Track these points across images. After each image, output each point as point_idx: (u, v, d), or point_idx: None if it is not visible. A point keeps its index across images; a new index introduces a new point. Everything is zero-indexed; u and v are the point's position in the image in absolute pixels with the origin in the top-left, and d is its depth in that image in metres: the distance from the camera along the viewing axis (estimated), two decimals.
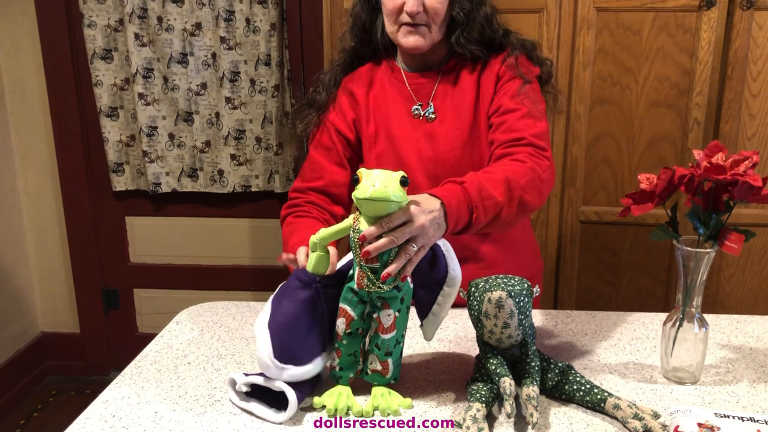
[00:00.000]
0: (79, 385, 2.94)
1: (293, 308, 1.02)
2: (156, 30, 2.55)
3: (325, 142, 1.40)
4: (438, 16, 1.29)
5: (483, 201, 1.09)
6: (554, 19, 1.96)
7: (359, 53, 1.44)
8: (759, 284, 2.12)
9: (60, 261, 2.89)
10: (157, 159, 2.68)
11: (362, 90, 1.41)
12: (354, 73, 1.44)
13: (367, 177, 0.96)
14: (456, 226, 1.06)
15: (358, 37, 1.42)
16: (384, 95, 1.40)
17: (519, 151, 1.23)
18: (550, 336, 1.27)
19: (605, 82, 2.00)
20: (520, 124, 1.27)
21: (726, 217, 1.02)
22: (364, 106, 1.40)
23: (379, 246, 0.96)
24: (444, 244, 1.07)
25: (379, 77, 1.42)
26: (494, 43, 1.36)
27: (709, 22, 1.92)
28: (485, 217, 1.10)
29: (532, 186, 1.17)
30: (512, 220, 1.16)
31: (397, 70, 1.41)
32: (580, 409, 1.02)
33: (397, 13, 1.29)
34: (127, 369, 1.17)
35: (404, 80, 1.39)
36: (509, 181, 1.14)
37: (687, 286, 1.06)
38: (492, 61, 1.36)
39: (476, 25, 1.32)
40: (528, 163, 1.20)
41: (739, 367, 1.15)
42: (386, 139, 1.38)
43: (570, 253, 2.14)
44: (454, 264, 1.06)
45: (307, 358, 1.02)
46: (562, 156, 2.06)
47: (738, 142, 2.02)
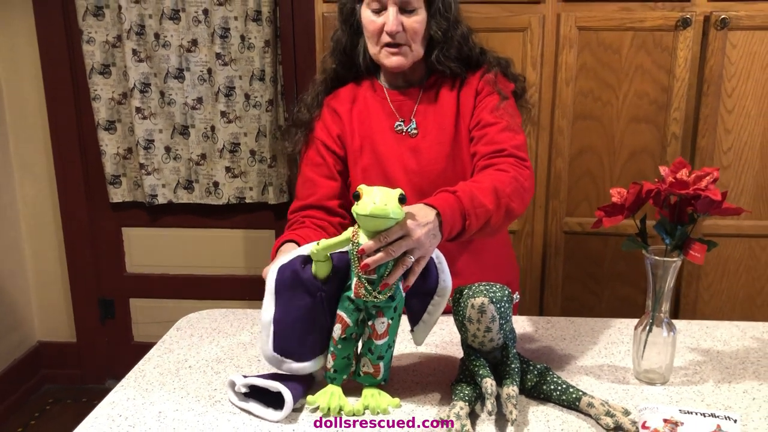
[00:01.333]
0: (75, 394, 2.98)
1: (298, 313, 1.10)
2: (153, 46, 2.62)
3: (314, 158, 1.47)
4: (417, 35, 1.36)
5: (475, 209, 1.17)
6: (538, 38, 2.04)
7: (340, 75, 1.51)
8: (735, 293, 2.20)
9: (57, 271, 2.95)
10: (153, 171, 2.75)
11: (345, 107, 1.48)
12: (335, 93, 1.51)
13: (367, 194, 1.02)
14: (450, 233, 1.14)
15: (340, 60, 1.49)
16: (367, 111, 1.47)
17: (501, 161, 1.31)
18: (531, 340, 1.35)
19: (587, 98, 2.09)
20: (501, 136, 1.35)
21: (690, 228, 1.09)
22: (348, 122, 1.46)
23: (377, 260, 1.03)
24: (437, 256, 1.14)
25: (361, 95, 1.49)
26: (471, 61, 1.45)
27: (685, 41, 2.01)
28: (477, 224, 1.18)
29: (516, 194, 1.25)
30: (500, 226, 1.24)
31: (380, 88, 1.48)
32: (557, 408, 1.09)
33: (378, 34, 1.36)
34: (131, 373, 1.24)
35: (386, 97, 1.47)
36: (497, 190, 1.21)
37: (656, 293, 1.14)
38: (470, 78, 1.44)
39: (454, 43, 1.40)
40: (511, 172, 1.27)
41: (706, 368, 1.22)
42: (371, 153, 1.45)
43: (554, 262, 2.22)
44: (445, 275, 1.13)
45: (306, 357, 1.11)
46: (546, 169, 2.14)
47: (714, 155, 2.11)
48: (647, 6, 2.01)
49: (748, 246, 2.16)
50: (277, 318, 1.10)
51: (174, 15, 2.59)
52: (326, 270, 1.11)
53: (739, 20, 1.98)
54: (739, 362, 1.25)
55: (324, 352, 1.14)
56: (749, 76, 2.03)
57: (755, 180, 2.11)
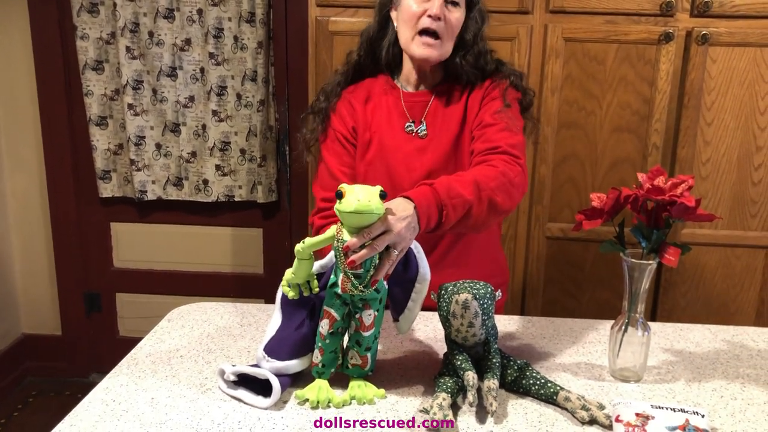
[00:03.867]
0: (58, 387, 3.00)
1: (296, 331, 1.17)
2: (147, 44, 2.65)
3: (335, 149, 1.52)
4: (454, 30, 1.44)
5: (452, 200, 1.21)
6: (525, 48, 2.10)
7: (362, 65, 1.57)
8: (711, 300, 2.27)
9: (44, 264, 2.97)
10: (143, 168, 2.78)
11: (360, 101, 1.54)
12: (353, 87, 1.57)
13: (350, 192, 1.07)
14: (428, 225, 1.18)
15: (365, 49, 1.56)
16: (380, 108, 1.53)
17: (494, 158, 1.35)
18: (512, 338, 1.40)
19: (571, 107, 2.15)
20: (498, 135, 1.40)
21: (666, 232, 1.15)
22: (362, 115, 1.52)
23: (363, 255, 1.07)
24: (415, 246, 1.19)
25: (376, 92, 1.55)
26: (486, 72, 1.51)
27: (667, 54, 2.08)
28: (455, 215, 1.22)
29: (502, 188, 1.28)
30: (484, 219, 1.27)
31: (395, 88, 1.54)
32: (535, 401, 1.14)
33: (416, 18, 1.42)
34: (123, 360, 1.27)
35: (400, 98, 1.52)
36: (478, 182, 1.25)
37: (632, 294, 1.19)
38: (480, 84, 1.51)
39: (476, 50, 1.48)
40: (500, 167, 1.31)
41: (679, 368, 1.28)
42: (378, 148, 1.50)
43: (537, 267, 2.27)
44: (423, 263, 1.18)
45: (293, 358, 1.17)
46: (531, 175, 2.20)
47: (694, 166, 2.17)
48: (632, 20, 2.07)
49: (724, 254, 2.23)
50: (278, 330, 1.17)
51: (168, 14, 2.63)
52: (308, 269, 1.15)
53: (720, 36, 2.05)
54: (709, 363, 1.30)
55: (309, 353, 1.18)
56: (728, 90, 2.10)
57: (732, 190, 2.18)
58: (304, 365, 1.17)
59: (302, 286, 1.18)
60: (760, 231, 2.20)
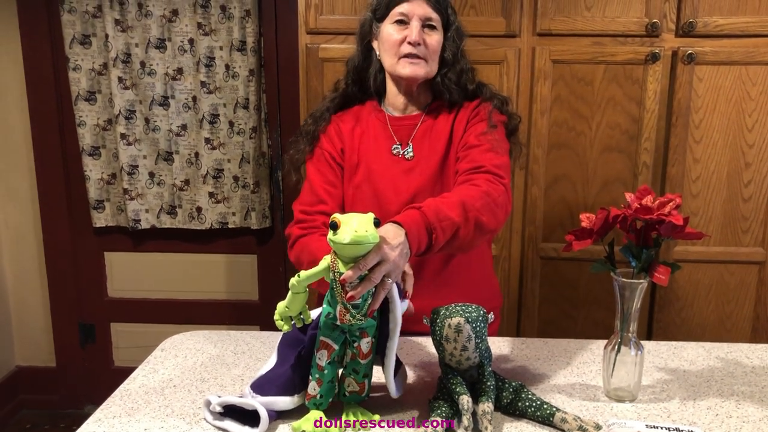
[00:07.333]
0: (53, 419, 2.97)
1: (288, 370, 1.18)
2: (139, 74, 2.67)
3: (320, 167, 1.53)
4: (435, 52, 1.48)
5: (440, 222, 1.21)
6: (514, 71, 2.12)
7: (350, 93, 1.60)
8: (706, 317, 2.27)
9: (38, 295, 2.95)
10: (137, 196, 2.78)
11: (348, 125, 1.56)
12: (342, 112, 1.59)
13: (345, 223, 1.04)
14: (419, 248, 1.18)
15: (352, 78, 1.59)
16: (368, 132, 1.55)
17: (477, 177, 1.37)
18: (506, 360, 1.39)
19: (561, 128, 2.16)
20: (483, 156, 1.42)
21: (655, 251, 1.15)
22: (349, 139, 1.54)
23: (360, 291, 1.07)
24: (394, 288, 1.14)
25: (364, 116, 1.57)
26: (469, 92, 1.54)
27: (654, 74, 2.10)
28: (443, 237, 1.22)
29: (487, 208, 1.29)
30: (471, 240, 1.28)
31: (381, 112, 1.56)
32: (531, 423, 1.14)
33: (398, 45, 1.46)
34: (116, 391, 1.26)
35: (387, 122, 1.54)
36: (464, 204, 1.26)
37: (624, 314, 1.19)
38: (466, 106, 1.53)
39: (458, 68, 1.51)
40: (483, 187, 1.33)
41: (673, 387, 1.28)
42: (366, 171, 1.52)
43: (531, 287, 2.28)
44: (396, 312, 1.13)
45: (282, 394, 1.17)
46: (523, 196, 2.21)
47: (684, 183, 2.18)
48: (618, 41, 2.10)
49: (717, 271, 2.23)
50: (270, 370, 1.19)
51: (160, 44, 2.65)
52: (302, 302, 1.15)
53: (705, 56, 2.08)
54: (704, 381, 1.30)
55: (294, 393, 1.17)
56: (715, 108, 2.12)
57: (723, 207, 2.19)
58: (290, 405, 1.15)
59: (295, 319, 1.17)
60: (752, 247, 2.21)
